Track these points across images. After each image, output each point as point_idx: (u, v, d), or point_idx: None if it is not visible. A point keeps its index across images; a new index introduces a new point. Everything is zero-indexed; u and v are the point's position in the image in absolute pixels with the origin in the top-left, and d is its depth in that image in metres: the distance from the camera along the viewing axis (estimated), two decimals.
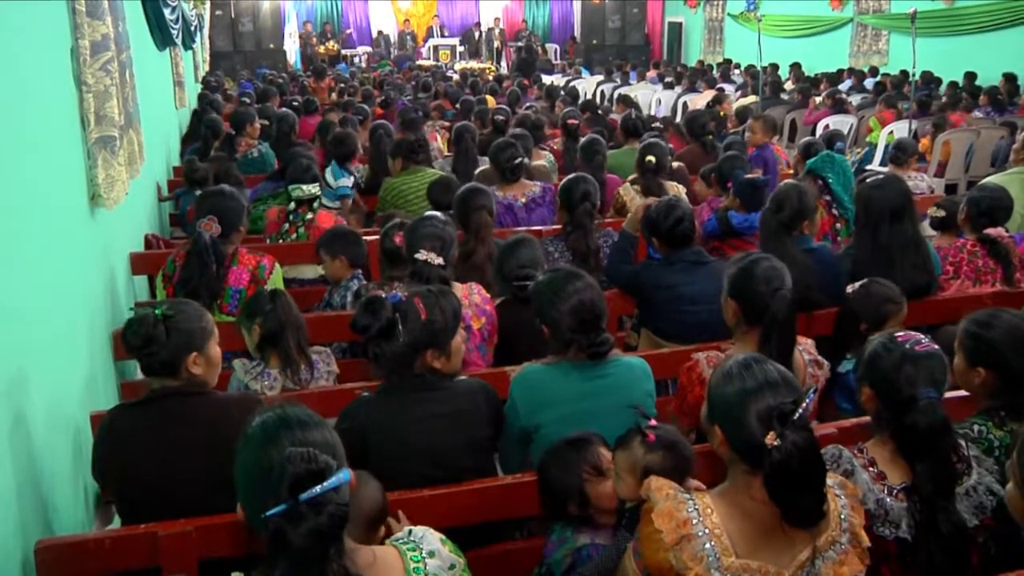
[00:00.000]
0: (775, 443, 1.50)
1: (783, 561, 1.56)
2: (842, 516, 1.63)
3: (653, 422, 1.92)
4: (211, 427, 2.01)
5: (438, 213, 3.02)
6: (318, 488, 1.26)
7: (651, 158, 4.35)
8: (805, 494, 1.53)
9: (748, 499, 1.58)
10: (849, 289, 2.87)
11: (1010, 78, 10.08)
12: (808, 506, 1.53)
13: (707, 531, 1.55)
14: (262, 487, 1.29)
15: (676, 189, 4.36)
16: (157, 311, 2.04)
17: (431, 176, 4.76)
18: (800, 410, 1.52)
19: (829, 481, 1.62)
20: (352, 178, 4.97)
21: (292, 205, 4.06)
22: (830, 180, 3.88)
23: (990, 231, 3.43)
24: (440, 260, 2.73)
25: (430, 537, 1.51)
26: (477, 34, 19.47)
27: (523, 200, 4.24)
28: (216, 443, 1.91)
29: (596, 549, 1.89)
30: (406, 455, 2.06)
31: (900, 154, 5.43)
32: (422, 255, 2.72)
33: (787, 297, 2.26)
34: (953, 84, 10.45)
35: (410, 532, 1.53)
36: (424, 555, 1.46)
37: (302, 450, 1.28)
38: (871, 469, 1.87)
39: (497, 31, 19.27)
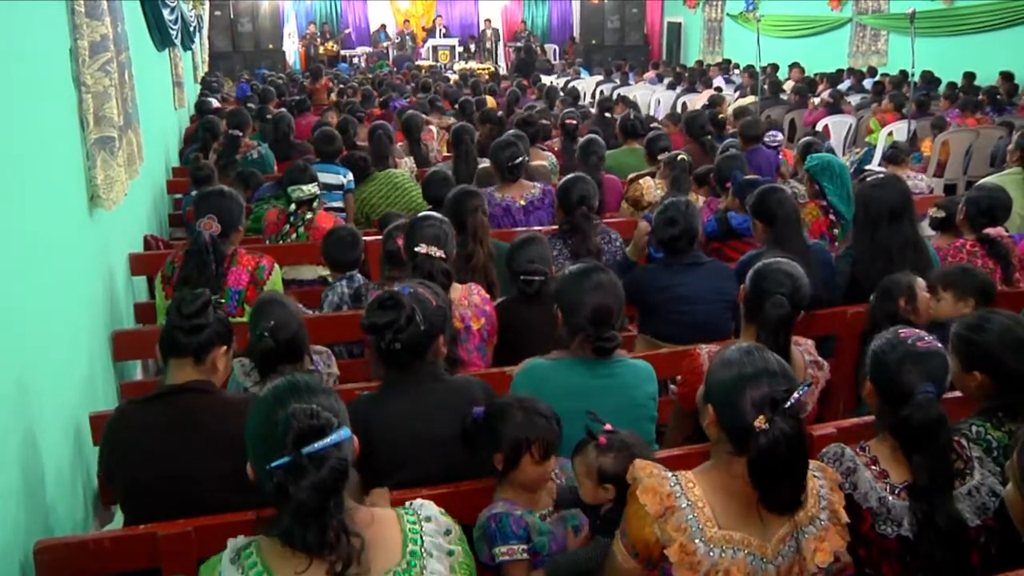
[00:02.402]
0: (764, 427, 1.54)
1: (765, 536, 1.62)
2: (820, 494, 1.68)
3: (608, 426, 1.95)
4: (222, 425, 2.02)
5: (436, 213, 3.02)
6: (319, 443, 1.33)
7: (684, 155, 4.47)
8: (786, 482, 1.57)
9: (729, 477, 1.63)
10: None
11: (1007, 77, 10.07)
12: (787, 494, 1.58)
13: (690, 503, 1.61)
14: (268, 442, 1.36)
15: (694, 198, 4.36)
16: (212, 296, 2.14)
17: (390, 179, 4.86)
18: (792, 400, 1.56)
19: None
20: (350, 174, 4.98)
21: (292, 207, 4.06)
22: (827, 189, 3.89)
23: (990, 231, 3.43)
24: (441, 253, 2.75)
25: (428, 505, 1.58)
26: (475, 35, 19.52)
27: (522, 202, 4.21)
28: (226, 441, 1.94)
29: (496, 520, 1.90)
30: (408, 447, 2.07)
31: (897, 153, 5.42)
32: (422, 248, 2.74)
33: (783, 304, 2.29)
34: (951, 85, 10.45)
35: (410, 504, 1.59)
36: (421, 519, 1.53)
37: (306, 406, 1.37)
38: (873, 467, 1.88)
39: (490, 32, 19.27)
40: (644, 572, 1.67)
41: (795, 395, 1.57)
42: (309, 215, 4.06)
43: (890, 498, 1.84)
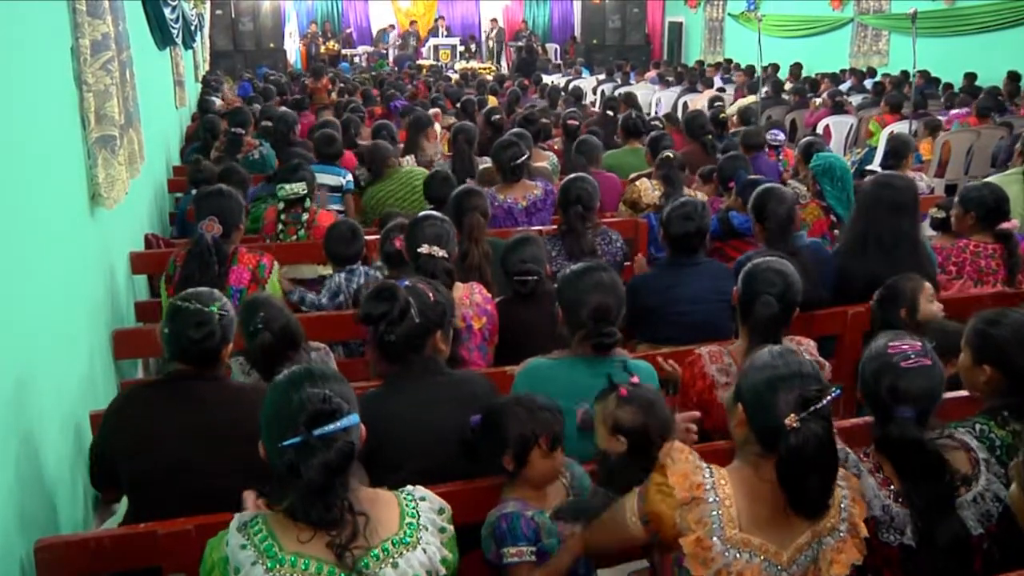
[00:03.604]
0: (794, 425, 1.54)
1: (783, 543, 1.61)
2: (843, 505, 1.67)
3: (635, 379, 1.94)
4: (227, 410, 2.05)
5: (436, 212, 3.02)
6: (330, 426, 1.44)
7: (669, 153, 4.49)
8: (814, 483, 1.57)
9: (757, 479, 1.62)
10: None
11: (1014, 77, 10.01)
12: (814, 495, 1.58)
13: (718, 499, 1.61)
14: (282, 422, 1.46)
15: (692, 194, 4.35)
16: (213, 307, 2.10)
17: (410, 180, 4.76)
18: (824, 401, 1.56)
19: None
20: (349, 175, 4.95)
21: (282, 205, 4.05)
22: (826, 192, 3.89)
23: (1006, 225, 3.41)
24: (443, 252, 2.76)
25: (421, 488, 1.68)
26: (476, 36, 19.53)
27: (524, 204, 4.19)
28: (231, 426, 1.98)
29: (507, 520, 1.89)
30: (414, 440, 2.08)
31: (895, 161, 5.33)
32: (425, 248, 2.74)
33: (771, 304, 2.30)
34: (948, 86, 10.42)
35: (404, 489, 1.69)
36: (417, 499, 1.63)
37: (319, 391, 1.46)
38: (877, 474, 1.86)
39: (494, 32, 19.26)
40: (645, 540, 1.69)
41: (827, 397, 1.57)
42: (305, 215, 4.05)
43: (894, 506, 1.82)
